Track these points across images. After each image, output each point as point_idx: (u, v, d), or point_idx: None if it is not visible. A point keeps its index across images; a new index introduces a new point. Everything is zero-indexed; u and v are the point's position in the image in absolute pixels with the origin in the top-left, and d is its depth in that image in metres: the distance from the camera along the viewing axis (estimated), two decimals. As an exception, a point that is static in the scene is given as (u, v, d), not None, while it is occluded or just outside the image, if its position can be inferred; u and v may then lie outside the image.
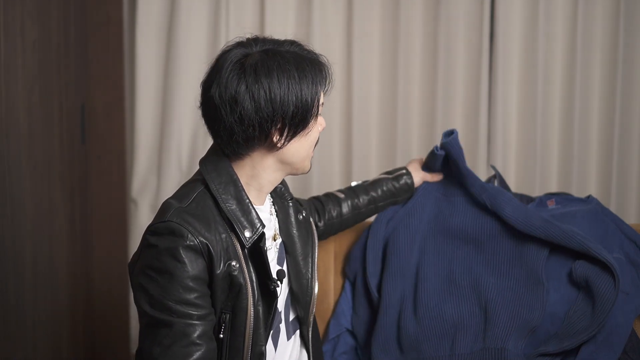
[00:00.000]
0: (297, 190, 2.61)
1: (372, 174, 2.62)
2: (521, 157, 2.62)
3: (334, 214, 1.85)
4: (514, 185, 2.58)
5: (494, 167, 2.15)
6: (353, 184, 1.92)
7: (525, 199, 2.04)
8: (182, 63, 2.56)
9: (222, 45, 2.53)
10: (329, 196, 1.87)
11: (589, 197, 2.00)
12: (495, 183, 2.11)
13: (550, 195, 2.04)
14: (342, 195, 1.87)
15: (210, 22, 2.56)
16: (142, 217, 2.65)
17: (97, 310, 2.57)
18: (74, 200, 2.33)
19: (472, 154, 2.58)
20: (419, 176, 1.96)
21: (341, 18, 2.57)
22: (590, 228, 1.86)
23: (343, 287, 1.96)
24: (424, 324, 1.76)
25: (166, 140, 2.57)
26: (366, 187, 1.90)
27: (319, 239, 1.80)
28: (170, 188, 2.62)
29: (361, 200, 1.88)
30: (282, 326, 1.52)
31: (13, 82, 1.87)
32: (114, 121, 2.62)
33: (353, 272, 1.96)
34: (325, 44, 2.55)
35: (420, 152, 2.62)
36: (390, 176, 1.93)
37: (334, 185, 2.62)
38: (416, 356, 1.73)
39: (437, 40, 2.55)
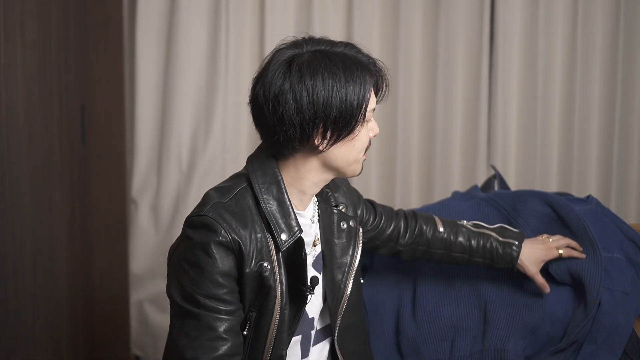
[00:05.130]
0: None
1: (372, 174, 2.62)
2: (521, 157, 2.61)
3: (424, 239, 1.70)
4: (514, 185, 2.58)
5: (494, 167, 2.15)
6: (463, 222, 1.73)
7: (525, 199, 2.05)
8: (182, 63, 2.56)
9: (222, 45, 2.57)
10: (429, 221, 1.71)
11: (589, 197, 2.00)
12: (496, 183, 2.11)
13: (550, 195, 2.04)
14: (441, 229, 1.70)
15: (210, 22, 2.56)
16: (142, 217, 2.65)
17: (97, 310, 2.57)
18: (74, 200, 2.33)
19: (472, 154, 2.58)
20: (530, 262, 1.69)
21: (341, 18, 2.57)
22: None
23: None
24: (423, 327, 1.76)
25: (166, 140, 2.57)
26: (470, 231, 1.70)
27: (399, 256, 1.71)
28: (170, 188, 2.62)
29: (459, 242, 1.69)
30: (313, 333, 1.51)
31: (13, 82, 1.87)
32: (114, 121, 2.61)
33: None
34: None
35: (419, 152, 2.61)
36: (500, 238, 1.70)
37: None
38: (416, 359, 1.73)
39: (437, 40, 2.55)
